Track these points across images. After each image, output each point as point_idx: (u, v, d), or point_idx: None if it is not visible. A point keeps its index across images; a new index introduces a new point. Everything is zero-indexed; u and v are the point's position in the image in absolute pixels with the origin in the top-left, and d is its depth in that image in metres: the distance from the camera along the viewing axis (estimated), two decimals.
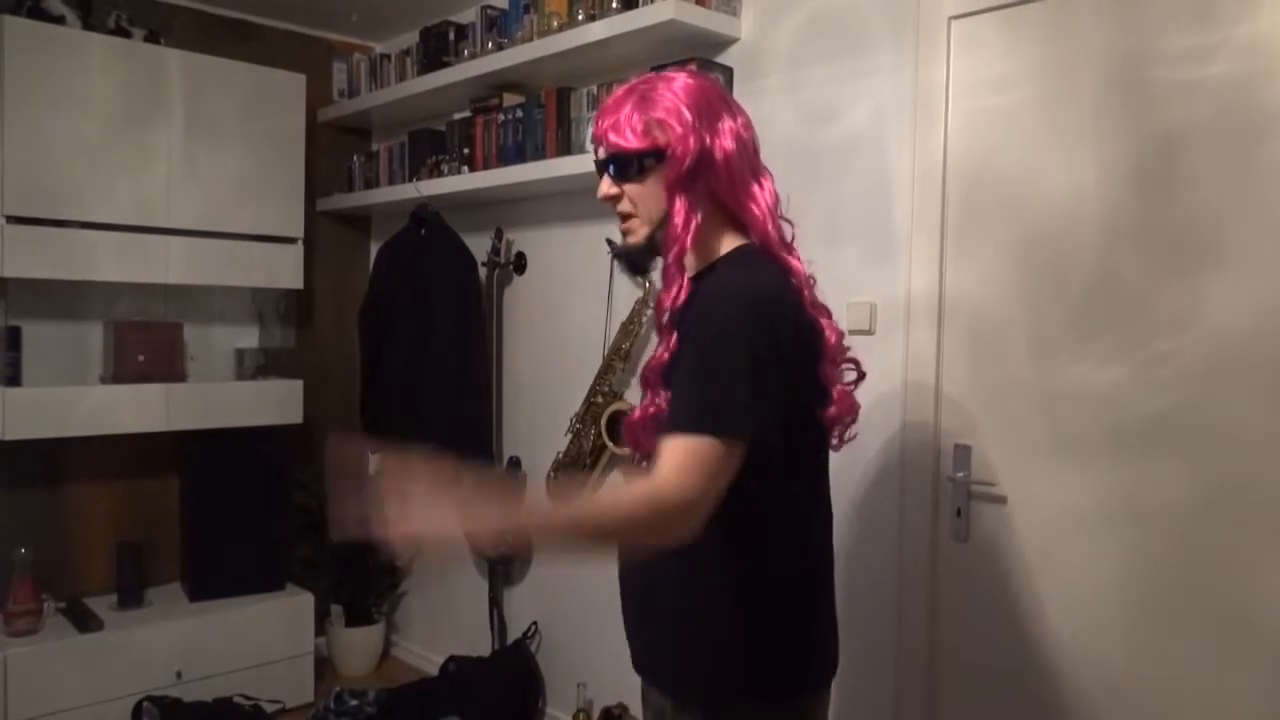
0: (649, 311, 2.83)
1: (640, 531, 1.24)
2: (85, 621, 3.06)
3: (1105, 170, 1.96)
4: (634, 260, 1.47)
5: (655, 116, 1.36)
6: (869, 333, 2.33)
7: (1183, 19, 1.86)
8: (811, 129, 2.45)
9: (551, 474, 3.12)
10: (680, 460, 1.22)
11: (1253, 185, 1.77)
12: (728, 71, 2.60)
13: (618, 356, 2.91)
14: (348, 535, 1.17)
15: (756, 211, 1.39)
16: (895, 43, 2.29)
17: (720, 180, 1.37)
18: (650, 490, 1.23)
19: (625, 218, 1.43)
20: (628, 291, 2.93)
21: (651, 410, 1.39)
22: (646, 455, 1.41)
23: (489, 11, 3.20)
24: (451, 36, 3.35)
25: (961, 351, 2.19)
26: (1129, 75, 1.93)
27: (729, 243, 1.42)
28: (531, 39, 2.94)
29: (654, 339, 2.86)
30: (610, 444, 2.90)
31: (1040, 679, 2.06)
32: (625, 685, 2.91)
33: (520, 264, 3.37)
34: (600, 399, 2.95)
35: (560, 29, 2.84)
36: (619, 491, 1.24)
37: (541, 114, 2.99)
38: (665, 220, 1.39)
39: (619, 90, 1.43)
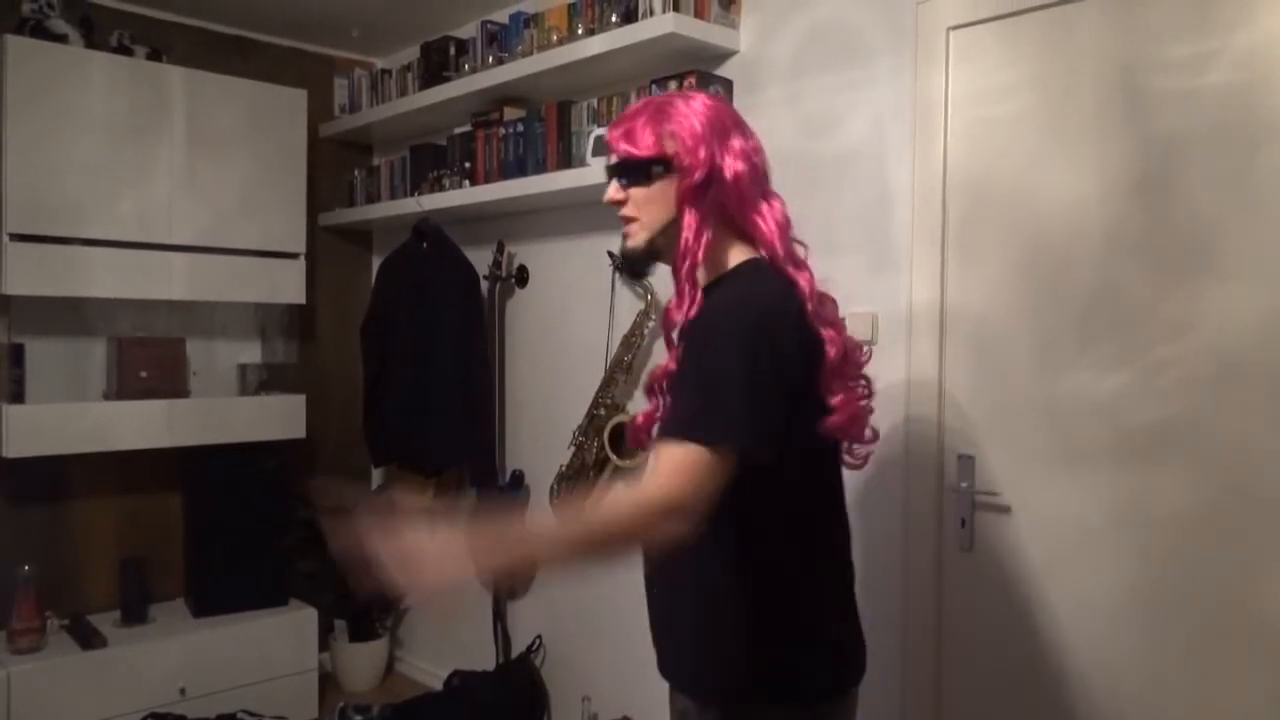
0: (650, 323, 2.83)
1: (632, 538, 1.26)
2: (89, 638, 3.05)
3: (1105, 179, 1.96)
4: (633, 264, 1.49)
5: (668, 128, 1.39)
6: (871, 343, 2.33)
7: (1181, 28, 1.86)
8: (812, 140, 2.46)
9: (554, 487, 3.12)
10: (669, 466, 1.24)
11: (1252, 192, 1.77)
12: (727, 84, 2.61)
13: (620, 369, 2.90)
14: (365, 584, 1.13)
15: (764, 227, 1.41)
16: (894, 53, 2.30)
17: (730, 197, 1.39)
18: (637, 497, 1.25)
19: (627, 222, 1.45)
20: (629, 304, 2.93)
21: (657, 417, 1.42)
22: None
23: (489, 26, 3.21)
24: (452, 51, 3.37)
25: (964, 361, 2.19)
26: (1128, 84, 1.93)
27: (738, 256, 1.43)
28: (531, 53, 2.96)
29: (656, 351, 2.87)
30: (613, 456, 2.89)
31: (1047, 688, 2.05)
32: (630, 698, 2.90)
33: (522, 277, 3.37)
34: (603, 411, 2.95)
35: (560, 43, 2.85)
36: (609, 501, 1.27)
37: (542, 128, 3.00)
38: (666, 228, 1.41)
39: (637, 102, 1.47)
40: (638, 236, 1.44)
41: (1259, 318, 1.76)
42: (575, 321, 3.16)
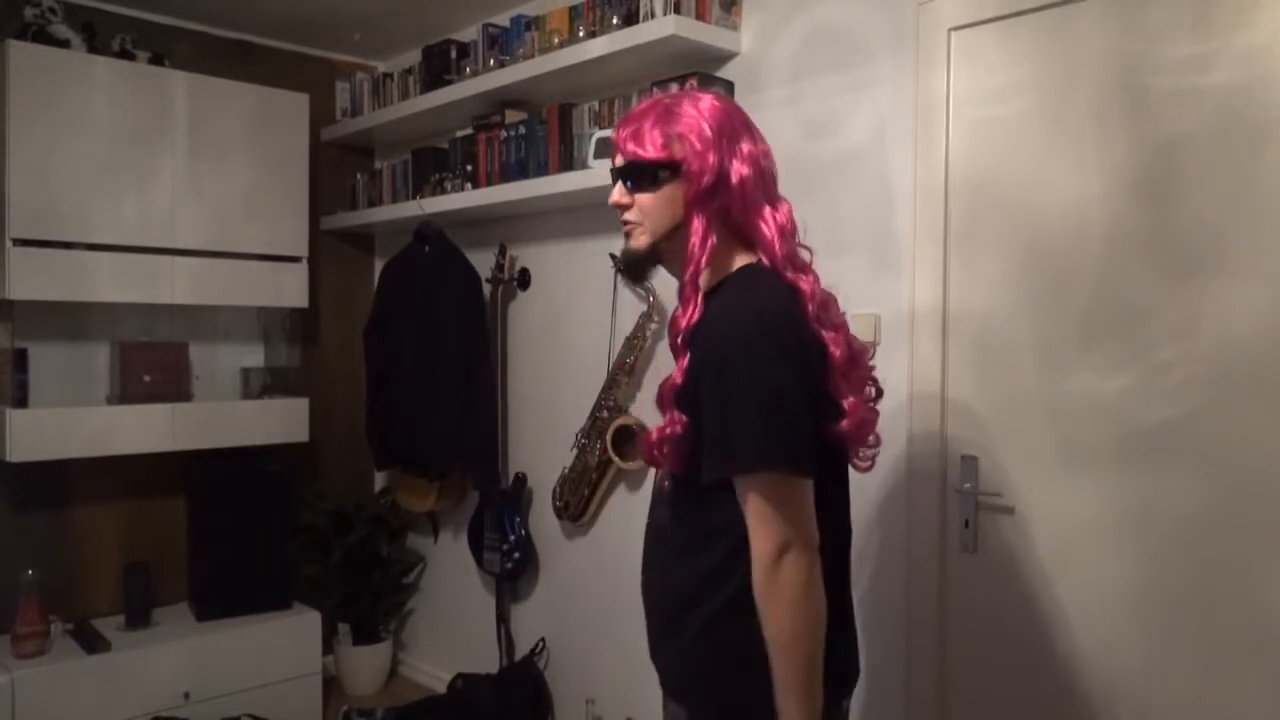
0: (653, 325, 2.83)
1: (800, 602, 1.29)
2: (93, 642, 3.06)
3: (1107, 179, 1.96)
4: (634, 267, 1.48)
5: (676, 131, 1.38)
6: (874, 344, 2.33)
7: (1181, 28, 1.86)
8: (813, 141, 2.46)
9: (557, 489, 3.12)
10: (754, 519, 1.30)
11: (1254, 192, 1.77)
12: (729, 86, 2.61)
13: (622, 371, 2.90)
14: None
15: (766, 232, 1.40)
16: (896, 54, 2.30)
17: (734, 201, 1.38)
18: (760, 580, 1.30)
19: (630, 225, 1.44)
20: (632, 306, 2.93)
21: (668, 431, 1.40)
22: (665, 471, 1.49)
23: (490, 29, 3.22)
24: (453, 54, 3.37)
25: (967, 362, 2.19)
26: (1129, 84, 1.93)
27: (739, 261, 1.42)
28: (533, 56, 2.96)
29: (658, 353, 2.87)
30: (616, 459, 2.89)
31: (1051, 690, 2.05)
32: (633, 700, 2.90)
33: (524, 280, 3.37)
34: (605, 414, 2.95)
35: (561, 46, 2.85)
36: (762, 605, 1.32)
37: (544, 130, 3.00)
38: (670, 233, 1.40)
39: (645, 101, 1.45)
40: (640, 239, 1.43)
41: (1262, 317, 1.76)
42: (577, 324, 3.16)
